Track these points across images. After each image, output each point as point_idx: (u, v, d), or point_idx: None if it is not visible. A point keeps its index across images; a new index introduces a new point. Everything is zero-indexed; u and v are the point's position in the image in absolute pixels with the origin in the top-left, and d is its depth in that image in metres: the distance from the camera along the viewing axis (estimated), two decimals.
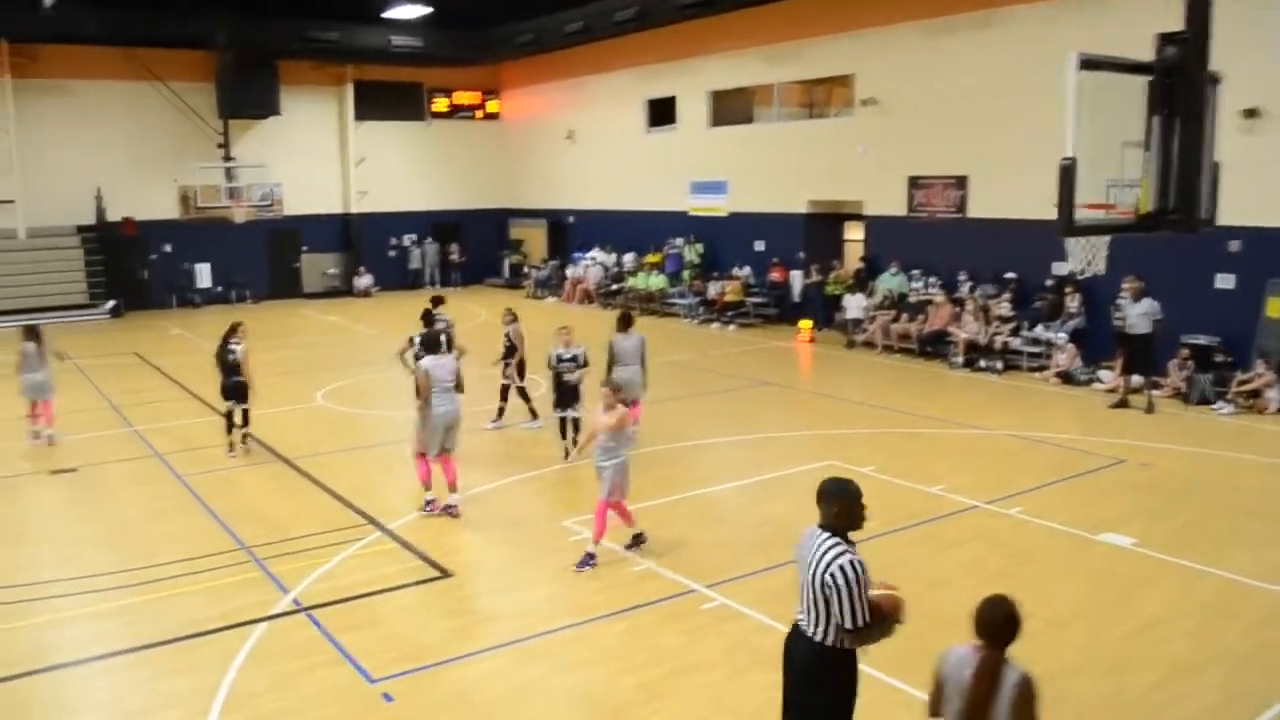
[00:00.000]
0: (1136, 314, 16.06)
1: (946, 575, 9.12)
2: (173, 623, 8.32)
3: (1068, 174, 6.87)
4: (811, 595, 5.03)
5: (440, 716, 6.85)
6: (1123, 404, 16.02)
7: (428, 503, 11.02)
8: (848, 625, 4.91)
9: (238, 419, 13.53)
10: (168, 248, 30.52)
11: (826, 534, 5.08)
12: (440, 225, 34.86)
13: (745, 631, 8.06)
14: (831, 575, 4.89)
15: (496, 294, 33.16)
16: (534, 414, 14.86)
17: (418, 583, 9.19)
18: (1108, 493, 11.68)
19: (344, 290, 32.96)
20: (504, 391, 15.00)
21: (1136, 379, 16.10)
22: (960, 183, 21.05)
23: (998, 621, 4.29)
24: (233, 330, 13.62)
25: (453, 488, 10.94)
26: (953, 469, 12.57)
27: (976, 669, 4.24)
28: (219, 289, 31.28)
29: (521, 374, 14.93)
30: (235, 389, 13.40)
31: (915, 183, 21.94)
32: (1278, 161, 16.19)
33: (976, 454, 13.45)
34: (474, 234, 35.31)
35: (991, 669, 4.20)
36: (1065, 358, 17.84)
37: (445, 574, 9.37)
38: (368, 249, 33.56)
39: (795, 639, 5.25)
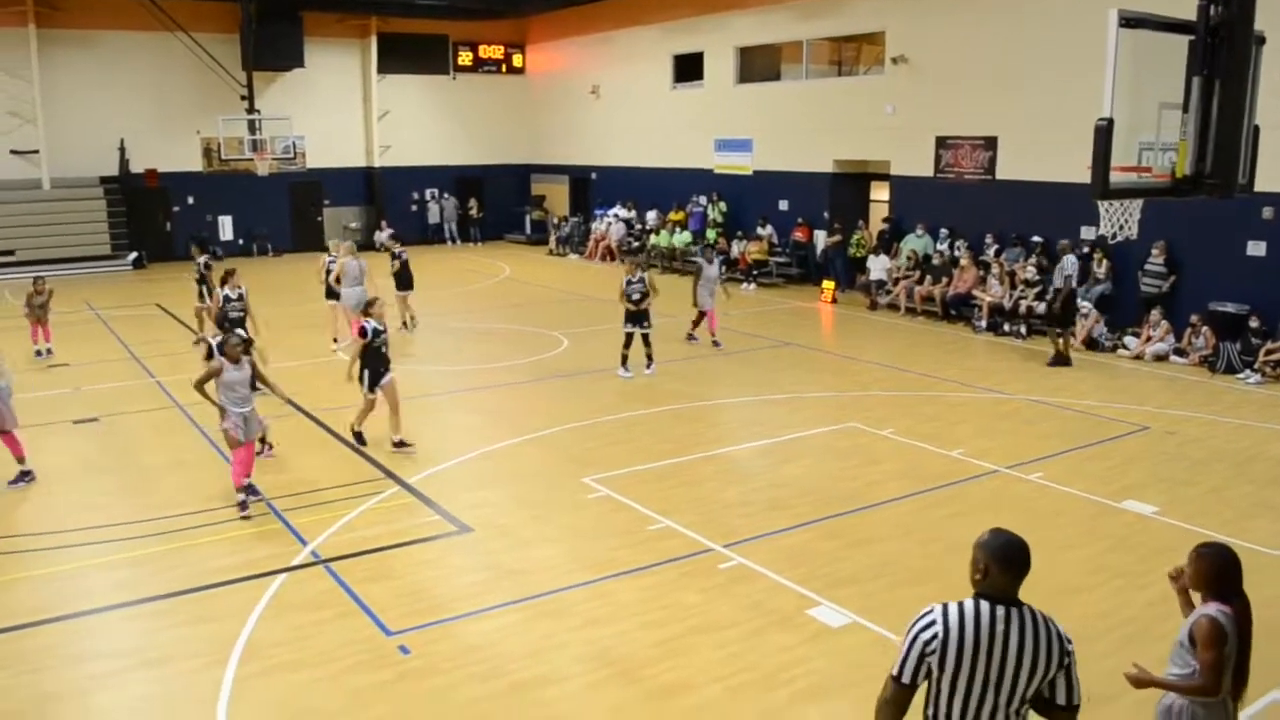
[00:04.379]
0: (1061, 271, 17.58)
1: (967, 539, 9.00)
2: (193, 572, 8.39)
3: (1104, 135, 6.68)
4: None
5: (455, 670, 6.88)
6: (1063, 359, 16.48)
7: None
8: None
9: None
10: (190, 200, 30.55)
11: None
12: (462, 180, 34.75)
13: (762, 592, 8.05)
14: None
15: (518, 249, 33.15)
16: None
17: (436, 537, 9.23)
18: (1130, 460, 11.57)
19: (366, 244, 32.91)
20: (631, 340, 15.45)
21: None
22: (990, 144, 20.74)
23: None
24: (227, 277, 14.58)
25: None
26: (974, 433, 12.48)
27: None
28: (240, 241, 31.31)
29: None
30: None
31: (943, 143, 21.63)
32: None
33: (998, 418, 13.35)
34: (496, 189, 35.18)
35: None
36: (1090, 323, 17.64)
37: (464, 529, 9.39)
38: (390, 203, 33.49)
39: None
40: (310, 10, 30.30)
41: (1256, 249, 16.77)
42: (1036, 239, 19.67)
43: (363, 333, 11.44)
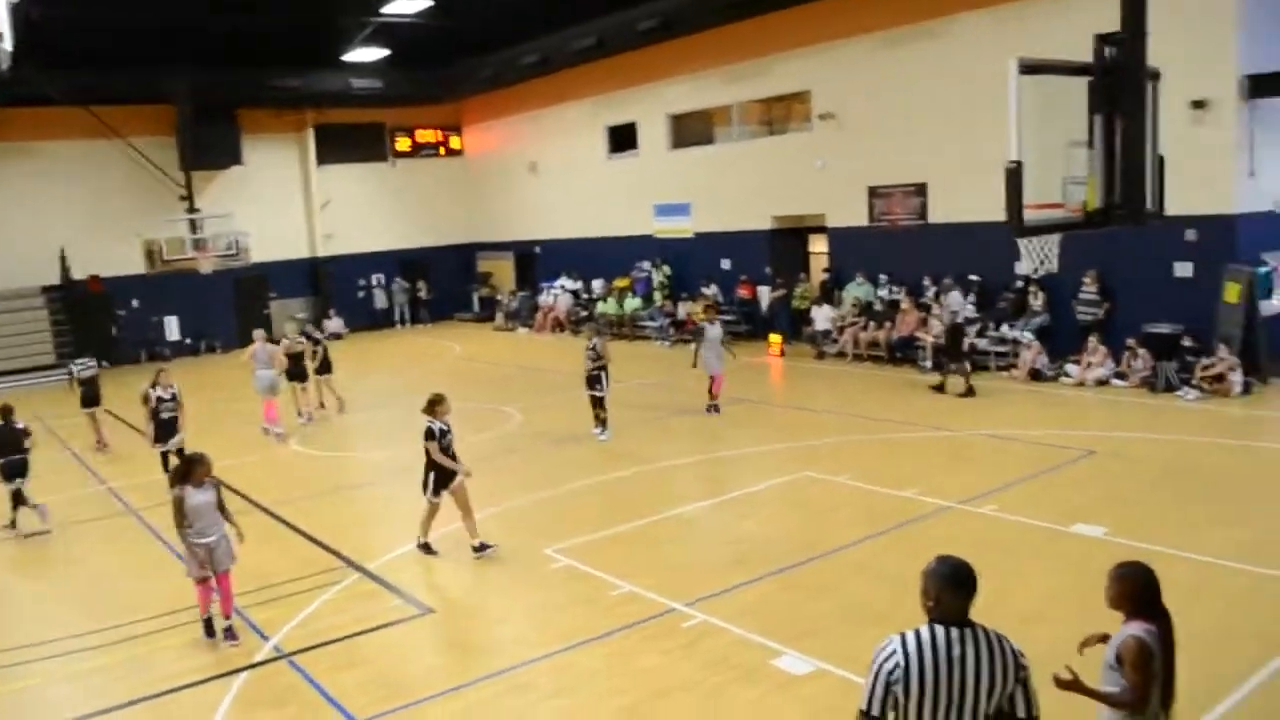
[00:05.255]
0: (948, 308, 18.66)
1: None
2: (153, 678, 8.29)
3: (1014, 177, 6.98)
4: None
5: None
6: (940, 388, 17.33)
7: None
8: None
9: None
10: (135, 303, 30.43)
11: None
12: (408, 263, 34.92)
13: (726, 647, 8.11)
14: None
15: (467, 327, 33.29)
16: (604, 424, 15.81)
17: (399, 621, 9.19)
18: (1079, 484, 11.82)
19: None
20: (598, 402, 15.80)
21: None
22: (920, 190, 21.30)
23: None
24: (157, 377, 14.61)
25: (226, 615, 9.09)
26: (926, 471, 12.67)
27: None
28: (188, 341, 31.18)
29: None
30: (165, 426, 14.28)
31: (875, 192, 22.18)
32: (1227, 150, 16.51)
33: (949, 455, 13.57)
34: (442, 270, 35.38)
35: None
36: (1031, 355, 18.03)
37: (427, 610, 9.38)
38: (337, 291, 33.55)
39: None
40: (245, 108, 30.56)
41: (1184, 270, 17.30)
42: (973, 278, 20.14)
43: (430, 434, 10.67)
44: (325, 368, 19.22)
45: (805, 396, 18.35)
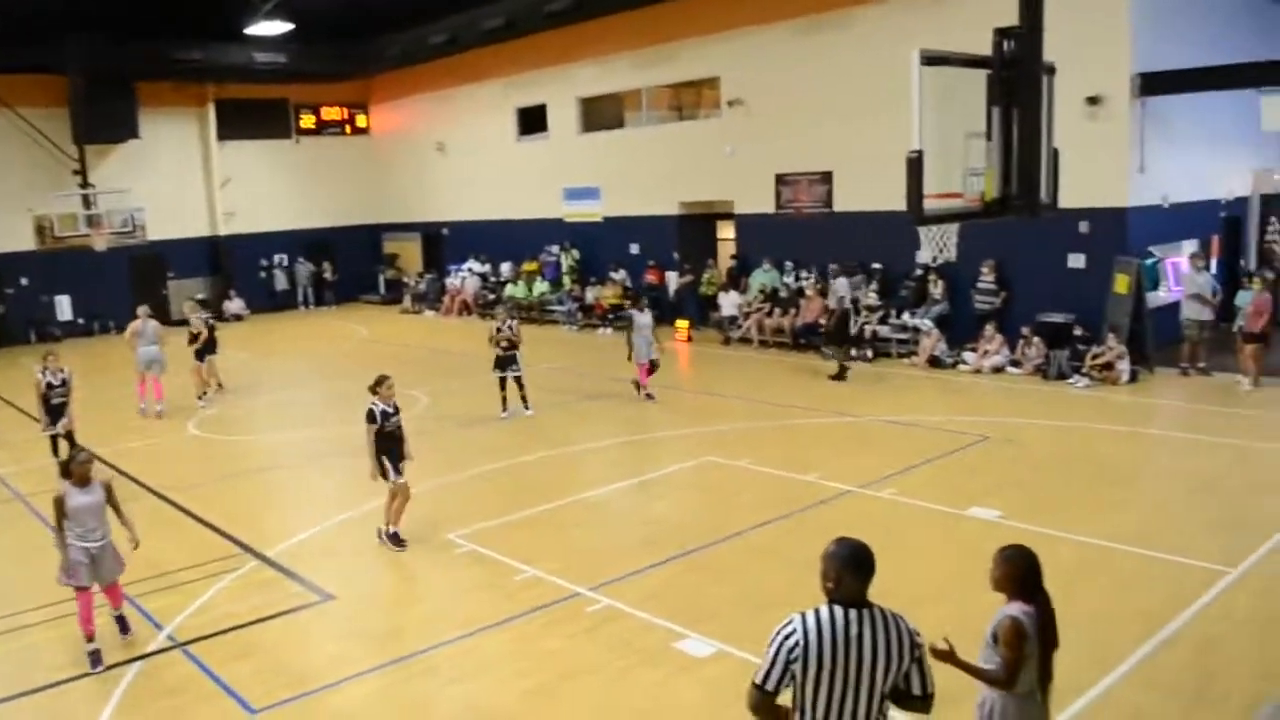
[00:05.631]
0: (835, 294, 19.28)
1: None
2: (42, 669, 8.03)
3: (915, 166, 7.14)
4: None
5: None
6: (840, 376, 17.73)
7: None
8: None
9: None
10: (24, 281, 29.27)
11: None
12: (312, 243, 34.20)
13: (630, 631, 8.17)
14: None
15: (373, 310, 32.82)
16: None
17: (299, 609, 9.06)
18: (974, 469, 12.17)
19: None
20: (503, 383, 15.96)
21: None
22: (826, 178, 21.60)
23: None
24: (46, 360, 13.92)
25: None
26: (827, 456, 12.91)
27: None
28: (80, 321, 30.12)
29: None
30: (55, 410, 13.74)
31: (782, 180, 22.42)
32: (1119, 146, 17.08)
33: (850, 440, 13.84)
34: (347, 250, 34.73)
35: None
36: (931, 342, 18.47)
37: (327, 597, 9.25)
38: (238, 271, 32.74)
39: None
40: (143, 80, 29.55)
41: (1077, 261, 17.87)
42: (876, 266, 20.52)
43: (371, 417, 10.23)
44: (211, 348, 18.70)
45: (711, 382, 18.53)
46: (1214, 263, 18.18)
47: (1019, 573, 4.90)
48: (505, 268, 29.55)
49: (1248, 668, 7.16)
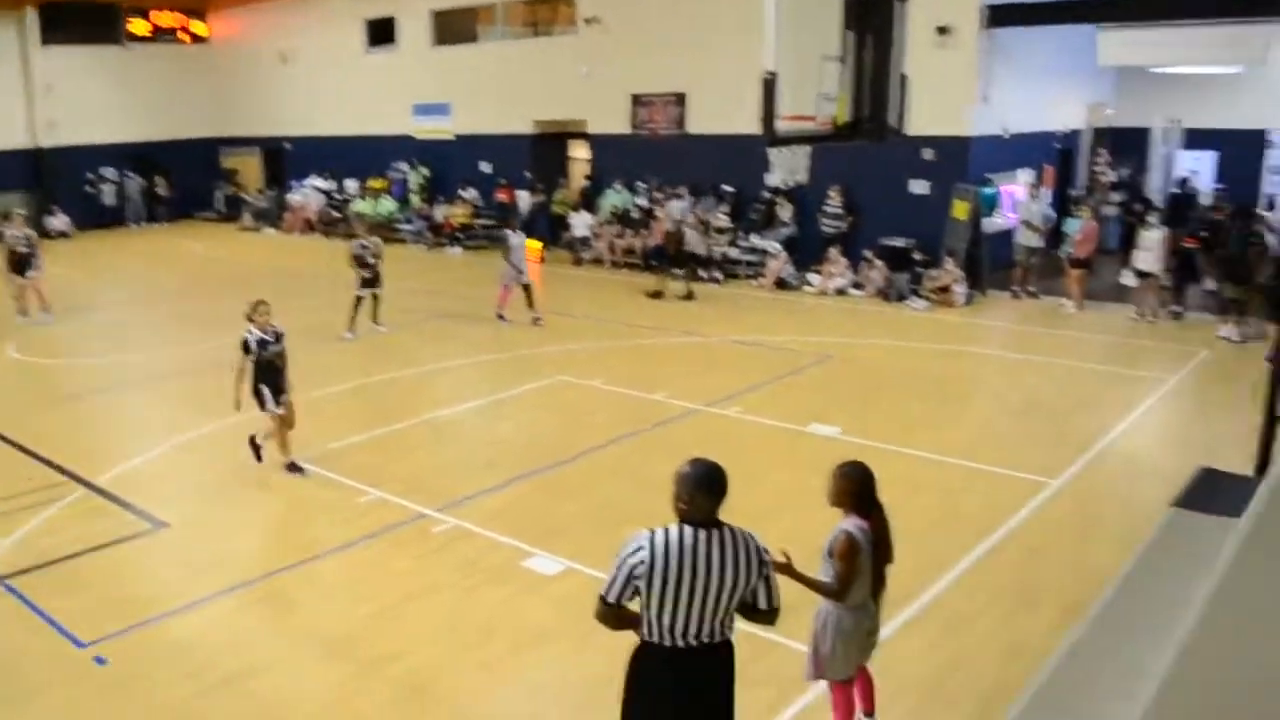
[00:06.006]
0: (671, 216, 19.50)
1: (668, 478, 9.51)
2: None
3: (769, 87, 7.19)
4: None
5: (160, 672, 6.55)
6: (658, 294, 18.09)
7: None
8: None
9: None
10: None
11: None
12: (143, 157, 32.18)
13: (477, 551, 8.16)
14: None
15: (211, 227, 31.34)
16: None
17: (130, 538, 8.69)
18: (816, 387, 12.52)
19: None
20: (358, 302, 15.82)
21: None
22: (680, 100, 21.54)
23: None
24: None
25: None
26: (675, 375, 13.07)
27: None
28: None
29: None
30: None
31: (637, 100, 22.25)
32: (965, 75, 17.51)
33: (698, 360, 14.03)
34: (182, 165, 32.87)
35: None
36: (778, 264, 18.79)
37: (160, 525, 8.91)
38: (61, 186, 30.72)
39: None
40: None
41: (919, 187, 18.39)
42: (728, 188, 20.67)
43: (245, 347, 9.58)
44: (31, 263, 17.51)
45: (563, 302, 18.44)
46: (1047, 192, 18.96)
47: (855, 488, 5.07)
48: (351, 185, 28.59)
49: (1066, 571, 7.63)
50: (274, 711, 6.09)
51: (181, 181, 32.61)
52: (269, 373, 9.72)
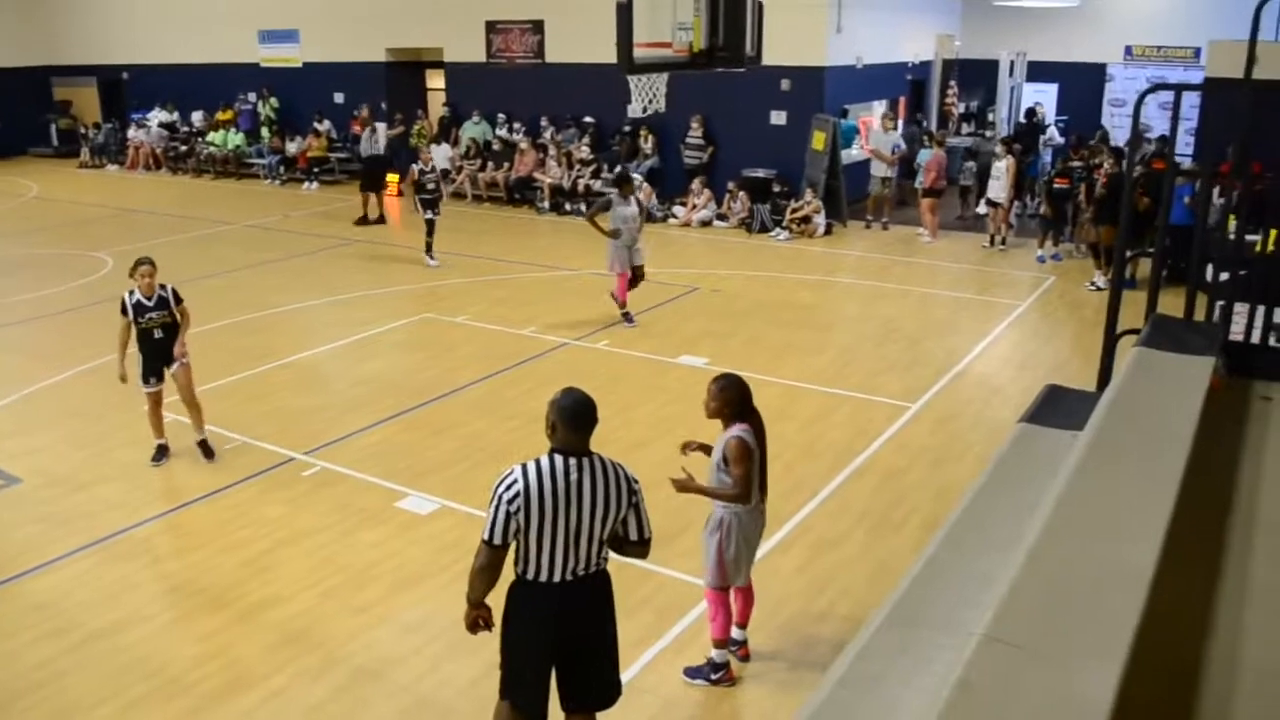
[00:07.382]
0: None
1: (542, 411, 9.53)
2: None
3: (625, 13, 7.21)
4: None
5: (21, 632, 6.34)
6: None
7: None
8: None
9: None
10: None
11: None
12: None
13: (348, 493, 8.09)
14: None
15: (44, 164, 29.49)
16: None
17: None
18: (684, 319, 12.70)
19: None
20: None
21: None
22: (538, 27, 21.17)
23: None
24: None
25: None
26: (544, 310, 13.07)
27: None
28: None
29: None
30: None
31: (493, 28, 21.78)
32: (819, 5, 17.70)
33: (566, 294, 14.05)
34: (9, 97, 30.76)
35: None
36: (643, 197, 18.80)
37: (12, 480, 8.54)
38: None
39: None
40: None
41: (779, 118, 18.63)
42: (589, 120, 20.53)
43: (122, 309, 8.52)
44: None
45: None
46: (900, 123, 19.44)
47: (734, 397, 5.30)
48: (196, 117, 27.27)
49: (926, 491, 8.03)
50: (149, 663, 5.98)
51: (9, 114, 30.49)
52: (147, 343, 8.61)
